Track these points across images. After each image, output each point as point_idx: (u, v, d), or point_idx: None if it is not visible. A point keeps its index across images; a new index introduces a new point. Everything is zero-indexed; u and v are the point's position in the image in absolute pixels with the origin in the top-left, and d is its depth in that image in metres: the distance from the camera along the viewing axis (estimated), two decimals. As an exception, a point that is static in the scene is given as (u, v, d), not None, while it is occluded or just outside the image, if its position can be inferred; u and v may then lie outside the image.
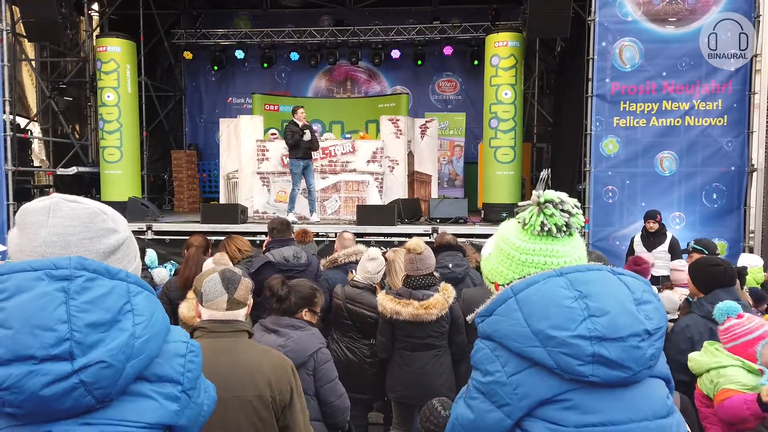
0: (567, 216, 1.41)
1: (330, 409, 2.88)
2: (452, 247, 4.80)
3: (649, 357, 1.27)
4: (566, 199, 1.43)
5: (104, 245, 1.22)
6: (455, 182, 13.31)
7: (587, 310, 1.26)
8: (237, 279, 2.21)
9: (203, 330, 2.16)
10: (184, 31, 13.79)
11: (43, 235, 1.18)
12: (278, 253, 4.41)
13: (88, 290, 1.09)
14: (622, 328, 1.25)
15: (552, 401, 1.27)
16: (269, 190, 10.08)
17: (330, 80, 14.53)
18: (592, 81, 8.43)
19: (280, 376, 2.16)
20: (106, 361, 1.06)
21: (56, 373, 1.03)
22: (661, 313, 1.33)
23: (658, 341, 1.30)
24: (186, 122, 14.86)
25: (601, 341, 1.24)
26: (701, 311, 3.11)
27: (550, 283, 1.32)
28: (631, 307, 1.29)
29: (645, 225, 6.91)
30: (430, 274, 3.72)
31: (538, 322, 1.28)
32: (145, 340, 1.12)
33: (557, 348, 1.25)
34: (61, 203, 1.21)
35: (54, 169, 11.77)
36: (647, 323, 1.28)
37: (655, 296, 1.36)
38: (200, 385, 1.26)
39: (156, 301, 1.22)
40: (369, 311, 3.88)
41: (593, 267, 1.37)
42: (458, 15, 13.31)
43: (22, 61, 12.23)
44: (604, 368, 1.24)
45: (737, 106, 8.29)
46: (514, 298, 1.33)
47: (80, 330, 1.05)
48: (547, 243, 1.41)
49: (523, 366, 1.29)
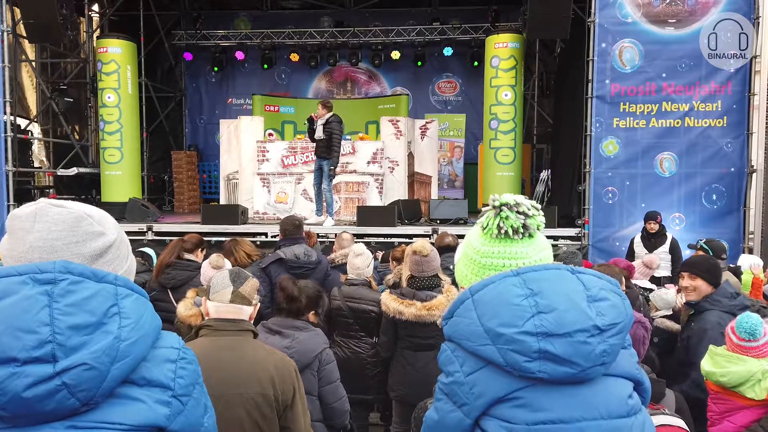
0: (523, 218, 1.42)
1: (329, 411, 2.89)
2: (453, 249, 4.81)
3: (599, 353, 1.26)
4: (522, 201, 1.44)
5: (91, 249, 1.23)
6: (455, 183, 13.32)
7: (536, 307, 1.27)
8: (245, 276, 2.27)
9: (209, 328, 2.18)
10: (184, 32, 13.81)
11: (29, 241, 1.19)
12: (289, 251, 4.45)
13: (72, 293, 1.10)
14: (569, 324, 1.25)
15: (505, 399, 1.27)
16: (269, 190, 10.08)
17: (330, 81, 14.54)
18: (592, 82, 8.44)
19: (283, 375, 2.17)
20: (88, 364, 1.05)
21: (38, 375, 1.03)
22: (618, 311, 1.32)
23: (612, 338, 1.28)
24: (186, 123, 14.86)
25: (548, 337, 1.24)
26: (721, 306, 3.20)
27: (505, 282, 1.33)
28: (582, 303, 1.28)
29: (645, 226, 6.92)
30: (435, 276, 3.73)
31: (489, 320, 1.29)
32: (131, 342, 1.11)
33: (505, 345, 1.26)
34: (47, 208, 1.22)
35: (54, 170, 11.78)
36: (597, 319, 1.27)
37: (616, 294, 1.36)
38: (198, 398, 1.24)
39: (146, 303, 1.21)
40: (369, 305, 3.93)
41: (550, 266, 1.37)
42: (458, 16, 13.34)
43: (23, 62, 12.24)
44: (551, 364, 1.24)
45: (737, 108, 8.31)
46: (471, 298, 1.35)
47: (62, 332, 1.05)
48: (505, 245, 1.43)
49: (478, 365, 1.30)
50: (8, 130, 9.58)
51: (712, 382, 2.78)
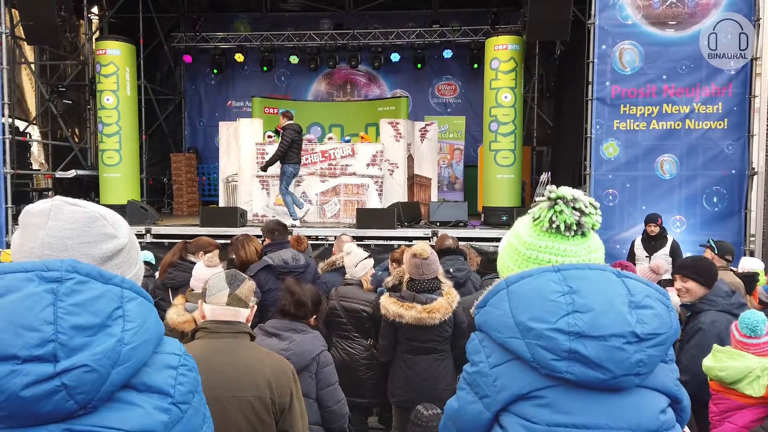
0: (579, 214, 1.36)
1: (327, 414, 2.86)
2: (453, 251, 4.78)
3: (634, 362, 1.19)
4: (580, 197, 1.37)
5: (101, 250, 1.21)
6: (455, 185, 13.30)
7: (572, 305, 1.22)
8: (241, 278, 2.26)
9: (205, 330, 2.16)
10: (183, 34, 13.79)
11: (41, 237, 1.17)
12: (277, 256, 4.41)
13: (78, 293, 1.08)
14: (605, 326, 1.20)
15: (528, 397, 1.23)
16: (268, 193, 10.06)
17: (330, 83, 14.53)
18: (592, 84, 8.42)
19: (280, 378, 2.14)
20: (89, 365, 1.03)
21: (37, 374, 1.01)
22: (662, 321, 1.25)
23: (651, 348, 1.21)
24: (185, 125, 14.84)
25: (580, 338, 1.19)
26: (717, 306, 3.18)
27: (543, 277, 1.28)
28: (623, 308, 1.23)
29: (646, 228, 6.90)
30: (435, 279, 3.70)
31: (521, 313, 1.25)
32: (134, 347, 1.10)
33: (534, 340, 1.21)
34: (62, 206, 1.21)
35: (53, 172, 11.76)
36: (637, 326, 1.21)
37: (662, 304, 1.29)
38: (197, 407, 1.22)
39: (151, 308, 1.19)
40: (361, 305, 3.93)
41: (595, 266, 1.32)
42: (458, 18, 13.34)
43: (22, 64, 12.23)
44: (580, 366, 1.19)
45: (737, 110, 8.29)
46: (506, 289, 1.31)
47: (65, 332, 1.03)
48: (555, 240, 1.37)
49: (505, 358, 1.26)
50: (7, 132, 9.56)
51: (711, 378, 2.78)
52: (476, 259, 5.61)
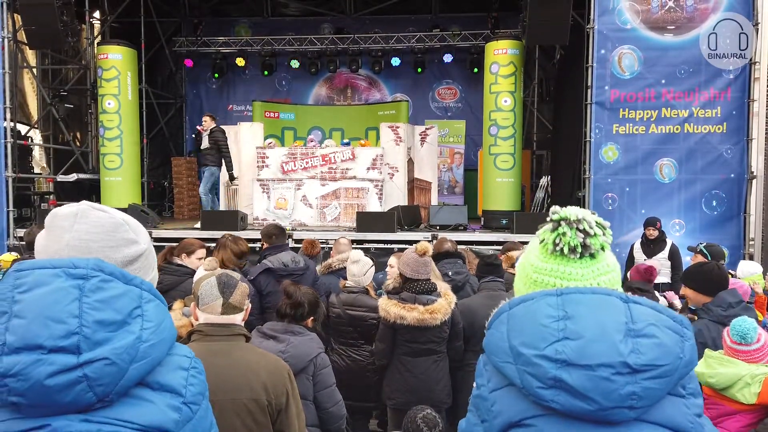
0: (583, 236, 1.29)
1: (325, 415, 2.87)
2: (452, 255, 4.80)
3: (625, 395, 1.12)
4: (585, 218, 1.30)
5: (123, 255, 1.29)
6: (455, 189, 13.32)
7: (563, 331, 1.17)
8: (233, 283, 2.22)
9: (200, 333, 2.17)
10: (185, 38, 13.84)
11: (66, 239, 1.25)
12: (276, 259, 4.42)
13: (102, 290, 1.14)
14: (591, 355, 1.13)
15: (520, 425, 1.19)
16: (269, 196, 10.09)
17: (330, 88, 14.57)
18: (592, 88, 8.45)
19: (276, 380, 2.16)
20: (110, 359, 1.09)
21: (61, 364, 1.06)
22: (665, 351, 1.16)
23: (647, 381, 1.13)
24: (186, 129, 14.87)
25: (567, 366, 1.14)
26: (711, 315, 3.16)
27: (543, 301, 1.23)
28: (616, 336, 1.15)
29: (645, 232, 6.91)
30: (428, 280, 3.73)
31: (515, 337, 1.21)
32: (151, 345, 1.15)
33: (524, 366, 1.18)
34: (88, 211, 1.29)
35: (54, 176, 11.78)
36: (630, 357, 1.13)
37: (673, 333, 1.19)
38: (206, 410, 1.26)
39: (166, 311, 1.25)
40: (368, 313, 3.90)
41: (600, 290, 1.25)
42: (458, 23, 13.37)
43: (24, 69, 12.27)
44: (567, 395, 1.13)
45: (736, 114, 8.32)
46: (507, 312, 1.28)
47: (89, 326, 1.09)
48: (560, 263, 1.31)
49: (502, 383, 1.24)
50: (8, 136, 9.59)
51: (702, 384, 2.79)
52: (475, 262, 5.62)
